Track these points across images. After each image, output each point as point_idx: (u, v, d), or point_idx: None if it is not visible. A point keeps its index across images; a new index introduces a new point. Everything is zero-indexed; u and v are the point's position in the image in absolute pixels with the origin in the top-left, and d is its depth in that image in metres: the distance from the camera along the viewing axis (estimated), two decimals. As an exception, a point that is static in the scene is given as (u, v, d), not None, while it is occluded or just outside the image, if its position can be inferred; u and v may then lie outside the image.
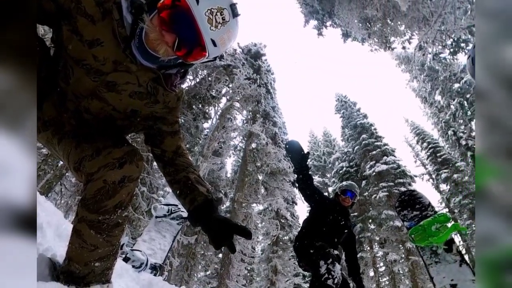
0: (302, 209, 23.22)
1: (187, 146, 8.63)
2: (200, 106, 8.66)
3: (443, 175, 15.28)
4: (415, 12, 8.06)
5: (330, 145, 22.71)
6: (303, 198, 2.76)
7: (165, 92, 1.00)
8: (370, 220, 14.08)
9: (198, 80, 8.83)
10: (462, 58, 10.66)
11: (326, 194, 16.28)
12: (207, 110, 8.92)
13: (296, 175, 2.77)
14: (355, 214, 14.12)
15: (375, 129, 16.49)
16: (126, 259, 2.31)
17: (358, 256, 2.92)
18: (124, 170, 0.85)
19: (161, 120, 1.06)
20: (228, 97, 9.47)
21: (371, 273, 14.05)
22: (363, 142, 15.68)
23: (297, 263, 3.97)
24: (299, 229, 2.84)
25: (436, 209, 3.19)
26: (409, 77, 17.89)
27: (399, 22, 8.88)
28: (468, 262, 2.79)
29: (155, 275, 2.41)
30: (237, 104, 9.66)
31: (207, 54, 0.83)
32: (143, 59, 0.90)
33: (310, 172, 2.76)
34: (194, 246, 11.36)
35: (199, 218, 0.95)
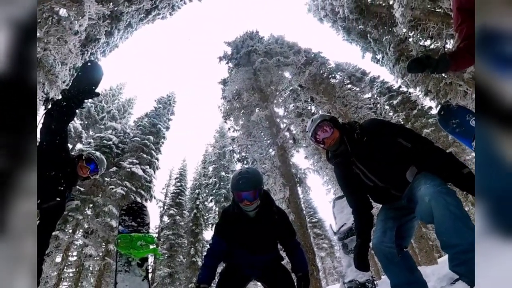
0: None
1: None
2: None
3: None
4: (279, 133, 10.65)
5: (126, 107, 20.95)
6: (47, 120, 2.00)
7: None
8: (92, 205, 12.20)
9: None
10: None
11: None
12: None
13: (63, 95, 2.00)
14: (82, 189, 12.09)
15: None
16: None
17: (53, 234, 2.46)
18: None
19: None
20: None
21: (58, 259, 12.11)
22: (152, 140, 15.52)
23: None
24: None
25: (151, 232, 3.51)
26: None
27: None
28: (149, 279, 3.19)
29: None
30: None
31: None
32: None
33: (79, 110, 2.16)
34: None
35: None
